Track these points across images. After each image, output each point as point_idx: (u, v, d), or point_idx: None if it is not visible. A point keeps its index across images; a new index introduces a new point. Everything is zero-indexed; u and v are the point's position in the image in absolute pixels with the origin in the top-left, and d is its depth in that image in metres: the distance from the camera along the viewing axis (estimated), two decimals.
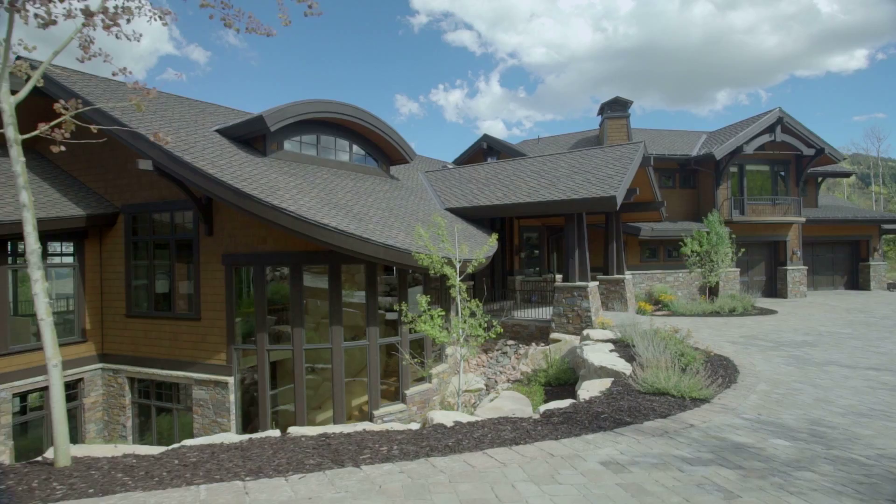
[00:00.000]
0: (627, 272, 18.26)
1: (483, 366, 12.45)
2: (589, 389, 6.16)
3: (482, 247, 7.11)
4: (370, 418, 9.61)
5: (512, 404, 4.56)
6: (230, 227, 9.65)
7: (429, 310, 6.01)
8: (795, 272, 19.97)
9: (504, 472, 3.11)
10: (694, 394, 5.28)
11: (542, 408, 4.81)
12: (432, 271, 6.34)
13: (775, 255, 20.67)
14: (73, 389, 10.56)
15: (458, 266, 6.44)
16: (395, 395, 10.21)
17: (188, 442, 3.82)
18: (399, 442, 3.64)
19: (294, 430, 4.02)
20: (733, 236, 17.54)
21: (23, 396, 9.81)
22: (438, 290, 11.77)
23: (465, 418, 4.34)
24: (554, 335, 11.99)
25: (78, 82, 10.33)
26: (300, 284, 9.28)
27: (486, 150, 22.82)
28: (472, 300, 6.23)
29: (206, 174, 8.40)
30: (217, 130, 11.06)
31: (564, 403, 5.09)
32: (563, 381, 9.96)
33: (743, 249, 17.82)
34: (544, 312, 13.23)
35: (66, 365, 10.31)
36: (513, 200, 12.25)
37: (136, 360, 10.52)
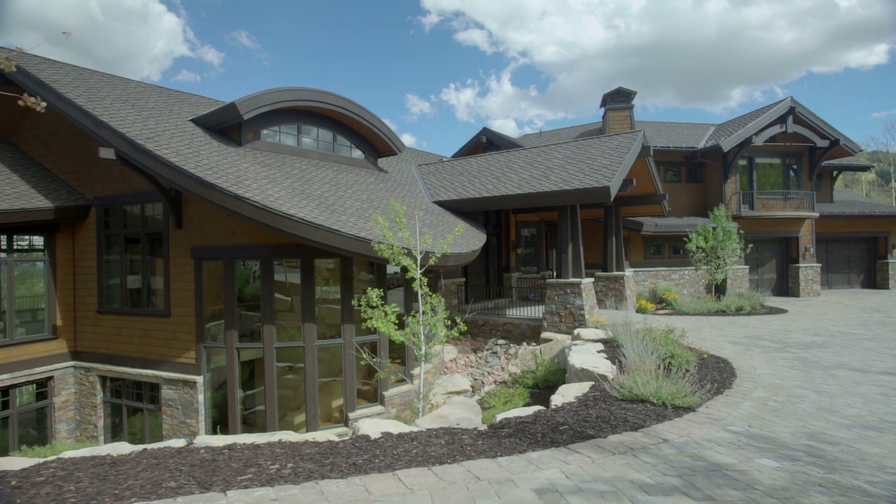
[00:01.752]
0: (629, 269, 17.54)
1: (471, 366, 11.87)
2: (564, 395, 5.58)
3: (447, 236, 6.53)
4: (345, 421, 9.12)
5: (462, 412, 4.01)
6: (199, 220, 9.20)
7: (382, 305, 5.46)
8: (808, 270, 19.04)
9: (406, 500, 2.54)
10: (677, 401, 4.65)
11: (500, 416, 4.24)
12: (393, 262, 5.79)
13: (787, 252, 19.74)
14: (42, 388, 10.22)
15: (418, 258, 5.88)
16: (375, 397, 9.69)
17: (68, 454, 3.33)
18: (302, 458, 3.10)
19: (200, 441, 3.50)
20: (741, 232, 16.70)
21: None
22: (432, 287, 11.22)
23: (398, 429, 3.78)
24: (545, 334, 11.37)
25: (46, 70, 9.96)
26: (271, 279, 8.80)
27: (485, 143, 22.15)
28: (434, 295, 5.67)
29: (167, 162, 7.95)
30: (192, 120, 10.64)
31: (528, 411, 4.51)
32: (551, 384, 9.34)
33: (751, 245, 16.98)
34: (538, 311, 12.60)
35: (35, 363, 10.00)
36: (502, 192, 11.64)
37: (108, 357, 10.14)
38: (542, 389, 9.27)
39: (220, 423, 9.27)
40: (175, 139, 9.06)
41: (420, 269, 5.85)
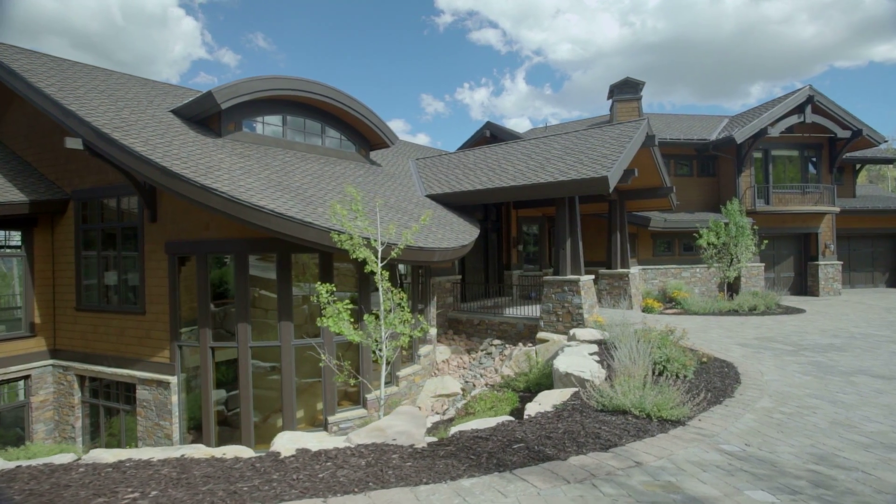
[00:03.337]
0: (637, 266, 16.81)
1: (464, 367, 11.31)
2: (542, 403, 5.00)
3: (412, 226, 5.98)
4: (325, 426, 8.64)
5: (404, 424, 3.46)
6: (173, 213, 8.81)
7: (336, 301, 4.94)
8: (828, 268, 18.03)
9: None
10: (664, 413, 4.03)
11: (455, 428, 3.69)
12: (353, 254, 5.27)
13: (805, 249, 18.74)
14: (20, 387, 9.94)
15: (380, 249, 5.34)
16: (358, 399, 9.19)
17: None
18: (179, 483, 2.59)
19: (90, 456, 3.03)
20: (756, 228, 15.83)
21: None
22: (418, 284, 10.71)
23: (320, 445, 3.25)
24: (541, 334, 10.76)
25: (20, 59, 9.66)
26: (245, 275, 8.35)
27: (489, 138, 21.51)
28: (397, 291, 5.13)
29: (132, 151, 7.55)
30: (172, 111, 10.27)
31: (491, 422, 3.95)
32: (545, 387, 8.73)
33: (766, 241, 16.07)
34: (537, 310, 11.99)
35: (11, 361, 9.71)
36: (496, 184, 11.05)
37: (85, 356, 9.83)
38: (533, 393, 8.67)
39: (197, 426, 8.89)
40: (148, 129, 8.67)
41: (382, 261, 5.32)
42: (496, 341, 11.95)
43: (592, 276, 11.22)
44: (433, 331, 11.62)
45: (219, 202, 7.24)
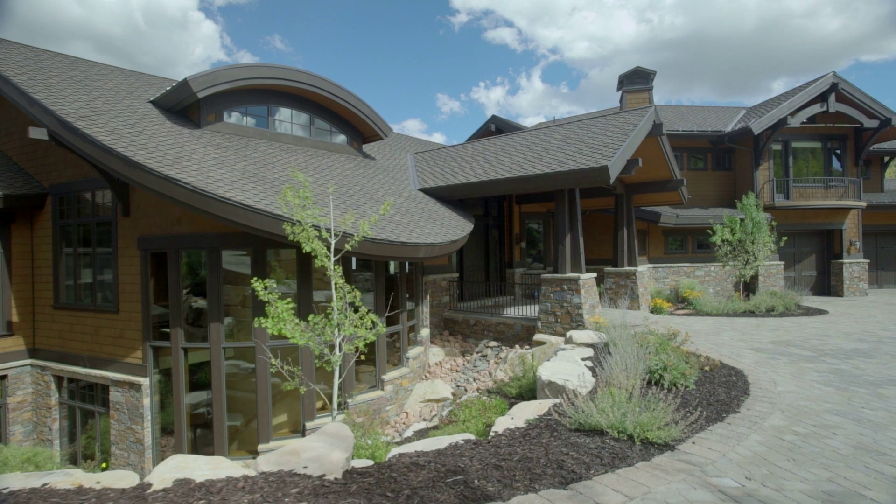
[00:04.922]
0: (646, 265, 16.01)
1: (457, 370, 10.71)
2: (515, 417, 4.39)
3: (372, 216, 5.40)
4: (302, 431, 8.15)
5: (322, 448, 2.87)
6: (146, 207, 8.39)
7: (278, 299, 4.38)
8: (853, 266, 16.93)
9: None
10: (649, 434, 3.38)
11: (396, 450, 3.11)
12: (306, 247, 4.72)
13: (829, 247, 17.66)
14: None
15: (333, 241, 4.78)
16: (343, 404, 8.66)
17: None
18: None
19: None
20: (774, 223, 14.88)
21: None
22: (408, 282, 10.16)
23: (212, 473, 2.67)
24: (538, 336, 10.11)
25: None
26: (218, 272, 7.88)
27: (494, 132, 20.87)
28: (350, 288, 4.56)
29: (93, 140, 7.13)
30: (151, 101, 9.88)
31: (440, 443, 3.35)
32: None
33: (785, 238, 15.10)
34: (537, 310, 11.33)
35: None
36: (491, 177, 10.41)
37: (62, 356, 9.49)
38: (527, 399, 8.04)
39: (171, 430, 8.46)
40: (118, 119, 8.26)
41: (335, 255, 4.75)
42: (492, 343, 11.33)
43: (594, 275, 10.51)
44: (425, 331, 11.05)
45: (183, 194, 6.78)
